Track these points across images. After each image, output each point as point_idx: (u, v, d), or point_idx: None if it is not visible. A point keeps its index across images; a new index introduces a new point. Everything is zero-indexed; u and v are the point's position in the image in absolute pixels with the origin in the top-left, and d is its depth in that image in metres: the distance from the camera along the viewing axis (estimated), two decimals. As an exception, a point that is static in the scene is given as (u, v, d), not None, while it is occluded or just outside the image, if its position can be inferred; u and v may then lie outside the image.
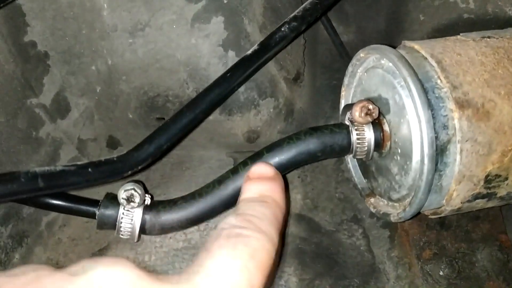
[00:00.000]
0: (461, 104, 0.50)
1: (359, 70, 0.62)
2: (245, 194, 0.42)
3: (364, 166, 0.66)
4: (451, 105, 0.49)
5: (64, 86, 0.62)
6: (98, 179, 0.46)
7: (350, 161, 0.68)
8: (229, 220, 0.37)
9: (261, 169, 0.44)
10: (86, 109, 0.63)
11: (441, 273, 0.65)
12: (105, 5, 0.57)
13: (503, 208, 0.70)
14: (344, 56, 0.83)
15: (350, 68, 0.63)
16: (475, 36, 0.57)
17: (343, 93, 0.66)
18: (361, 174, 0.66)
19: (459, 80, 0.51)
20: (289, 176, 0.69)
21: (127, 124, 0.64)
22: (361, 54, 0.60)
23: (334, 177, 0.71)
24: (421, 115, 0.49)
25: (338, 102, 0.65)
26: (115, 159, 0.48)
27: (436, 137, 0.50)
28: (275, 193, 0.42)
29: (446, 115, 0.50)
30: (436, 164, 0.50)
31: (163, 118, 0.64)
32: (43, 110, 0.61)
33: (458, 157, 0.50)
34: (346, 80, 0.65)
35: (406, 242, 0.66)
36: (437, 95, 0.50)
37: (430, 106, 0.50)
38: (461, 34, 0.59)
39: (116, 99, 0.62)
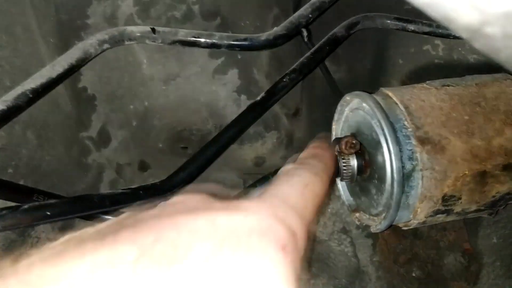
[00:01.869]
0: (422, 141, 0.63)
1: (346, 109, 0.75)
2: (302, 154, 0.46)
3: (351, 187, 0.79)
4: (414, 141, 0.63)
5: (107, 121, 0.76)
6: (146, 199, 0.59)
7: (339, 183, 0.81)
8: (287, 165, 0.41)
9: (316, 142, 0.48)
10: (124, 140, 0.77)
11: (413, 274, 0.77)
12: (145, 60, 0.71)
13: (467, 221, 0.83)
14: (336, 92, 0.96)
15: (339, 107, 0.77)
16: (437, 85, 0.70)
17: (333, 127, 0.79)
18: (348, 193, 0.80)
19: (421, 122, 0.64)
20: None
21: (157, 152, 0.78)
22: (347, 97, 0.74)
23: (328, 195, 0.84)
24: (391, 149, 0.62)
25: (330, 132, 0.79)
26: (158, 183, 0.61)
27: (403, 167, 0.63)
28: (326, 154, 0.46)
29: (411, 149, 0.63)
30: (404, 187, 0.64)
31: (187, 147, 0.78)
32: (91, 141, 0.74)
33: (420, 182, 0.63)
34: (336, 116, 0.78)
35: (386, 249, 0.79)
36: (404, 133, 0.64)
37: (398, 142, 0.63)
38: (427, 82, 0.72)
39: (149, 132, 0.76)
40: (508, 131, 0.65)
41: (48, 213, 0.51)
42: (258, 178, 0.68)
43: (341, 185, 0.81)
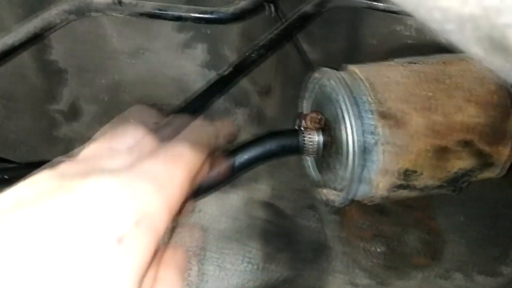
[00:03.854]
0: (384, 116, 0.63)
1: (313, 86, 0.76)
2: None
3: (317, 163, 0.80)
4: (376, 116, 0.63)
5: (78, 95, 0.76)
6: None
7: (308, 160, 0.82)
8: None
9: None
10: (96, 115, 0.77)
11: (378, 250, 0.78)
12: (114, 33, 0.72)
13: (434, 198, 0.84)
14: (310, 71, 0.96)
15: (308, 85, 0.77)
16: (404, 62, 0.70)
17: (304, 105, 0.80)
18: (315, 169, 0.80)
19: (384, 97, 0.64)
20: (259, 171, 0.83)
21: (127, 126, 0.78)
22: (316, 74, 0.75)
23: (297, 172, 0.85)
24: (353, 123, 0.63)
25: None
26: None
27: (365, 141, 0.64)
28: (207, 128, 0.44)
29: (373, 124, 0.63)
30: (365, 161, 0.65)
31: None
32: (61, 114, 0.75)
33: (381, 156, 0.63)
34: (305, 94, 0.79)
35: (352, 225, 0.80)
36: (366, 108, 0.64)
37: (360, 116, 0.64)
38: (394, 59, 0.73)
39: (120, 106, 0.76)
40: (470, 108, 0.66)
41: (6, 176, 0.51)
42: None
43: (309, 162, 0.82)
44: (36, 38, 0.56)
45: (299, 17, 0.70)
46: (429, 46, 0.89)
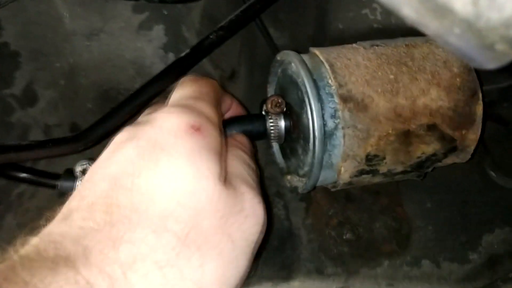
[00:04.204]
0: (345, 99, 0.62)
1: (278, 71, 0.74)
2: None
3: (282, 149, 0.78)
4: (337, 99, 0.62)
5: (33, 79, 0.73)
6: (56, 152, 0.57)
7: (274, 146, 0.80)
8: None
9: None
10: (52, 99, 0.74)
11: (344, 237, 0.77)
12: (66, 14, 0.68)
13: (402, 185, 0.83)
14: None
15: (271, 68, 0.75)
16: (366, 45, 0.69)
17: (268, 89, 0.78)
18: (281, 155, 0.79)
19: (345, 80, 0.63)
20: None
21: (86, 112, 0.75)
22: (277, 57, 0.73)
23: (264, 159, 0.83)
24: (313, 107, 0.61)
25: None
26: (70, 137, 0.59)
27: (326, 125, 0.62)
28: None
29: (334, 107, 0.62)
30: (326, 146, 0.63)
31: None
32: (14, 99, 0.72)
33: (342, 140, 0.61)
34: (269, 78, 0.77)
35: (318, 212, 0.78)
36: (327, 91, 0.62)
37: (320, 100, 0.62)
38: (357, 42, 0.71)
39: (77, 91, 0.73)
40: (433, 91, 0.64)
41: None
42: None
43: (276, 148, 0.80)
44: None
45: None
46: (395, 30, 0.88)
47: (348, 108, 0.61)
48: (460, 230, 0.79)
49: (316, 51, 0.67)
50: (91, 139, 0.59)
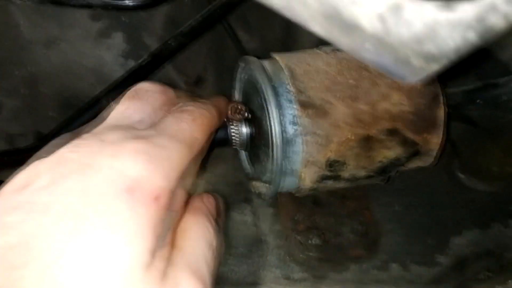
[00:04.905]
0: (304, 105, 0.61)
1: (241, 76, 0.74)
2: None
3: (248, 155, 0.78)
4: (296, 105, 0.61)
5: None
6: (9, 165, 0.57)
7: (243, 152, 0.80)
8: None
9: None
10: (13, 108, 0.73)
11: (312, 242, 0.77)
12: (22, 22, 0.67)
13: (369, 188, 0.83)
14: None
15: (236, 74, 0.75)
16: (328, 49, 0.69)
17: (233, 95, 0.77)
18: (248, 162, 0.78)
19: (304, 86, 0.62)
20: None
21: (49, 120, 0.75)
22: (240, 63, 0.72)
23: (232, 165, 0.83)
24: (273, 113, 0.61)
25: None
26: (23, 148, 0.58)
27: (285, 131, 0.61)
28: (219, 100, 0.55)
29: (293, 114, 0.61)
30: (286, 152, 0.63)
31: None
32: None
33: (302, 147, 0.61)
34: (234, 83, 0.76)
35: (286, 217, 0.78)
36: (286, 98, 0.62)
37: (280, 106, 0.61)
38: (319, 47, 0.71)
39: (38, 99, 0.73)
40: (395, 96, 0.64)
41: None
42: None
43: (243, 155, 0.80)
44: None
45: (223, 4, 0.68)
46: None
47: (307, 114, 0.61)
48: (428, 233, 0.80)
49: (277, 56, 0.66)
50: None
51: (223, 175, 0.81)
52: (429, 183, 0.84)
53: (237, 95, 0.76)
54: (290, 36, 0.93)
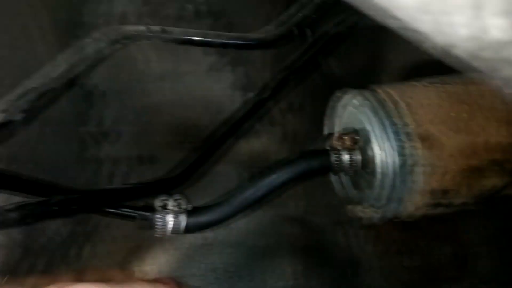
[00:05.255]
0: (422, 138, 0.63)
1: (338, 105, 0.76)
2: None
3: (344, 180, 0.80)
4: (404, 138, 0.64)
5: (104, 116, 0.77)
6: (157, 192, 0.62)
7: (332, 176, 0.83)
8: None
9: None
10: (130, 134, 0.78)
11: (404, 264, 0.79)
12: (140, 57, 0.73)
13: (461, 212, 0.84)
14: (331, 86, 0.97)
15: (331, 103, 0.78)
16: (426, 82, 0.70)
17: (326, 122, 0.80)
18: (341, 186, 0.81)
19: (411, 119, 0.65)
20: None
21: (153, 146, 0.80)
22: (338, 93, 0.75)
23: (323, 188, 0.85)
24: (382, 145, 0.63)
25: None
26: (168, 178, 0.63)
27: (402, 162, 0.64)
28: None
29: (400, 145, 0.63)
30: (394, 182, 0.65)
31: (183, 142, 0.79)
32: (89, 136, 0.76)
33: (409, 177, 0.64)
34: (328, 112, 0.79)
35: (378, 240, 0.81)
36: (395, 130, 0.63)
37: (388, 138, 0.63)
38: (415, 79, 0.73)
39: (146, 127, 0.78)
40: (502, 128, 0.66)
41: (73, 206, 0.53)
42: (252, 174, 0.70)
43: (335, 179, 0.83)
44: (88, 67, 0.58)
45: (331, 37, 0.71)
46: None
47: (415, 146, 0.63)
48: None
49: (379, 89, 0.69)
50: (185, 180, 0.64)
51: (317, 198, 0.84)
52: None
53: (331, 123, 0.79)
54: (372, 62, 0.95)
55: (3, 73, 0.59)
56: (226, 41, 0.63)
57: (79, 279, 0.46)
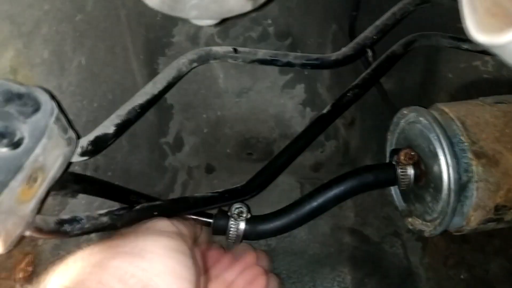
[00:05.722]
0: (478, 155, 0.68)
1: (402, 122, 0.81)
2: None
3: (404, 193, 0.85)
4: (470, 155, 0.68)
5: (181, 128, 0.83)
6: (231, 201, 0.67)
7: (393, 189, 0.87)
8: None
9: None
10: (194, 145, 0.84)
11: (461, 277, 0.82)
12: (221, 75, 0.79)
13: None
14: (387, 102, 1.01)
15: (395, 119, 0.82)
16: (490, 101, 0.75)
17: (388, 137, 0.85)
18: (401, 199, 0.85)
19: (476, 137, 0.69)
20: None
21: (224, 156, 0.85)
22: (404, 111, 0.80)
23: (380, 200, 0.90)
24: (449, 162, 0.67)
25: (381, 139, 0.84)
26: (240, 188, 0.69)
27: (460, 178, 0.69)
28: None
29: (467, 162, 0.68)
30: (459, 197, 0.70)
31: (251, 153, 0.85)
32: (168, 146, 0.82)
33: (475, 193, 0.68)
34: (391, 127, 0.84)
35: (435, 252, 0.84)
36: (460, 147, 0.69)
37: (455, 156, 0.69)
38: (480, 99, 0.77)
39: (219, 138, 0.83)
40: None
41: (155, 213, 0.59)
42: (316, 187, 0.75)
43: (394, 192, 0.87)
44: (170, 86, 0.64)
45: (389, 57, 0.76)
46: (505, 81, 0.93)
47: (481, 163, 0.67)
48: None
49: (445, 107, 0.73)
50: (253, 189, 0.69)
51: (372, 209, 0.89)
52: None
53: (393, 139, 0.83)
54: (430, 81, 0.99)
55: (106, 88, 0.65)
56: (305, 61, 0.69)
57: None
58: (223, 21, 0.48)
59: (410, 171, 0.75)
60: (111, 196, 0.63)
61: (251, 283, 0.65)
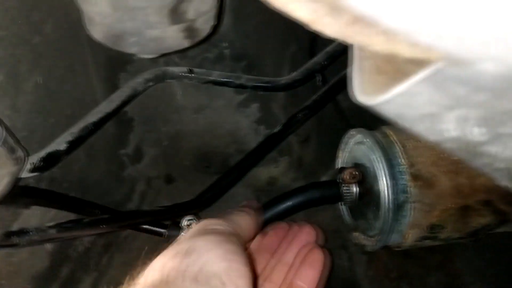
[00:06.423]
0: (415, 177, 0.73)
1: (350, 142, 0.85)
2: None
3: (351, 209, 0.89)
4: (408, 177, 0.73)
5: (141, 139, 0.86)
6: (180, 214, 0.70)
7: (342, 206, 0.91)
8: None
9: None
10: (154, 156, 0.87)
11: (402, 288, 0.88)
12: (180, 92, 0.82)
13: (455, 244, 0.93)
14: (343, 120, 1.06)
15: (345, 139, 0.87)
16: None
17: (339, 155, 0.90)
18: (348, 214, 0.90)
19: (415, 160, 0.74)
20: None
21: (182, 168, 0.89)
22: (352, 132, 0.84)
23: (330, 215, 0.95)
24: (387, 183, 0.72)
25: (336, 156, 0.89)
26: (190, 202, 0.72)
27: (397, 198, 0.73)
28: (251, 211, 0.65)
29: (404, 184, 0.73)
30: (397, 216, 0.74)
31: (209, 166, 0.89)
32: (127, 157, 0.85)
33: (411, 212, 0.73)
34: (341, 146, 0.88)
35: (379, 265, 0.89)
36: (399, 169, 0.73)
37: (394, 177, 0.73)
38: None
39: (178, 151, 0.87)
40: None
41: (103, 226, 0.62)
42: (270, 198, 0.79)
43: (343, 207, 0.91)
44: (125, 104, 0.67)
45: (341, 81, 0.80)
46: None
47: (417, 185, 0.72)
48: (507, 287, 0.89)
49: (389, 131, 0.78)
50: (203, 202, 0.72)
51: (322, 223, 0.93)
52: (508, 242, 0.93)
53: (341, 158, 0.87)
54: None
55: (65, 104, 0.68)
56: (257, 84, 0.73)
57: None
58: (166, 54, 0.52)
59: (354, 189, 0.79)
60: (65, 207, 0.65)
61: (310, 263, 0.65)
